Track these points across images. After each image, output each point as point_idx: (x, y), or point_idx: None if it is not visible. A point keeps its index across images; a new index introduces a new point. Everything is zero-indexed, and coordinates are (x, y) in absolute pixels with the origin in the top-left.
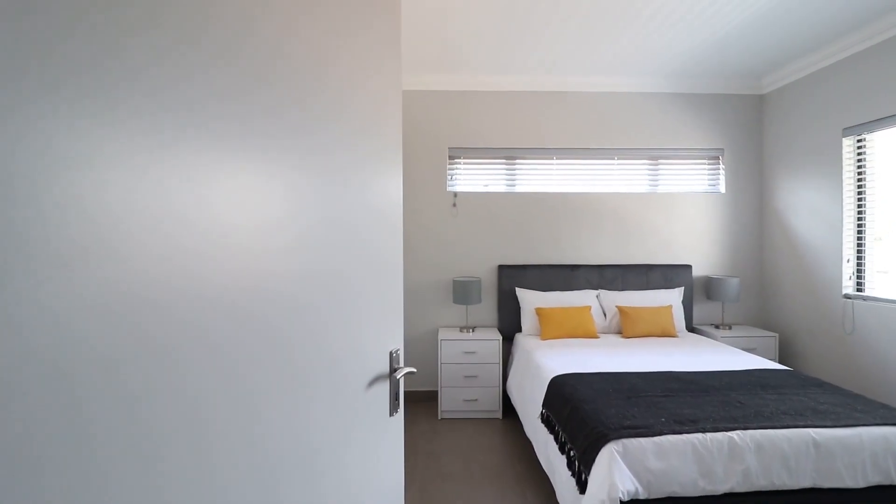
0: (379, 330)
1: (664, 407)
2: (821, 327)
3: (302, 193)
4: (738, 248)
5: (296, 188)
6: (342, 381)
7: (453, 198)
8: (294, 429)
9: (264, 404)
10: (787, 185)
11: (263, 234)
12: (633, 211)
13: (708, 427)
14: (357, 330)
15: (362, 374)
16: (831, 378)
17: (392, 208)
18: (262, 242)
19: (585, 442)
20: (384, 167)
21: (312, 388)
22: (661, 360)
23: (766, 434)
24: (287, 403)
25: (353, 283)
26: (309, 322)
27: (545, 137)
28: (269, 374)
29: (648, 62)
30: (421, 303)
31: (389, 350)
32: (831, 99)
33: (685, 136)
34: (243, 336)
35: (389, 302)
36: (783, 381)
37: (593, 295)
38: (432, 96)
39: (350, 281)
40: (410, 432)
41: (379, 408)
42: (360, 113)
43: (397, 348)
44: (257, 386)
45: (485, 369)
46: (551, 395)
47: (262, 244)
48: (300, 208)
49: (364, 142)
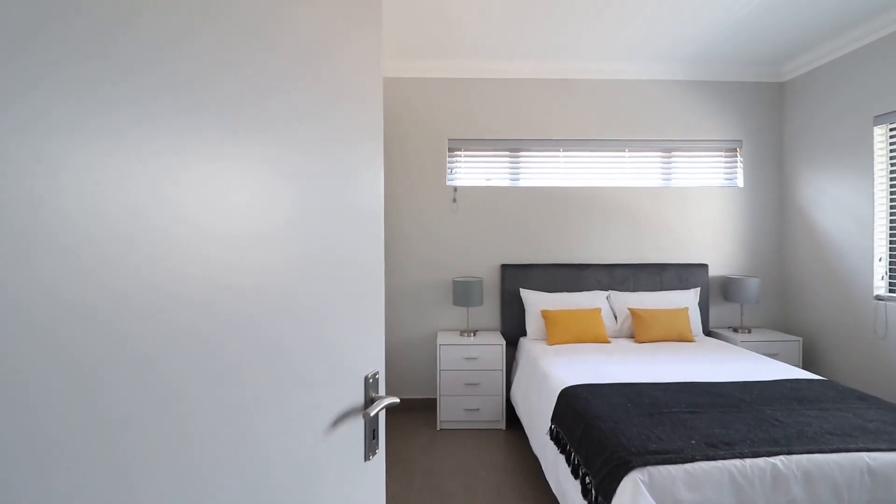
0: (350, 350)
1: (693, 426)
2: (849, 331)
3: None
4: (758, 246)
5: (235, 183)
6: (294, 421)
7: (453, 193)
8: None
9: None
10: (811, 178)
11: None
12: (645, 206)
13: (746, 451)
14: (314, 351)
15: (324, 410)
16: (862, 386)
17: (369, 203)
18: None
19: (604, 468)
20: (354, 157)
21: (248, 433)
22: (681, 369)
23: (814, 460)
24: (180, 468)
25: (311, 296)
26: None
27: (551, 128)
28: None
29: (661, 47)
30: (418, 305)
31: (364, 375)
32: (860, 85)
33: (700, 127)
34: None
35: (365, 314)
36: (820, 394)
37: (603, 296)
38: (430, 84)
39: (306, 293)
40: (407, 445)
41: (349, 452)
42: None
43: (375, 371)
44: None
45: (487, 377)
46: (561, 409)
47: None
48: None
49: (321, 126)
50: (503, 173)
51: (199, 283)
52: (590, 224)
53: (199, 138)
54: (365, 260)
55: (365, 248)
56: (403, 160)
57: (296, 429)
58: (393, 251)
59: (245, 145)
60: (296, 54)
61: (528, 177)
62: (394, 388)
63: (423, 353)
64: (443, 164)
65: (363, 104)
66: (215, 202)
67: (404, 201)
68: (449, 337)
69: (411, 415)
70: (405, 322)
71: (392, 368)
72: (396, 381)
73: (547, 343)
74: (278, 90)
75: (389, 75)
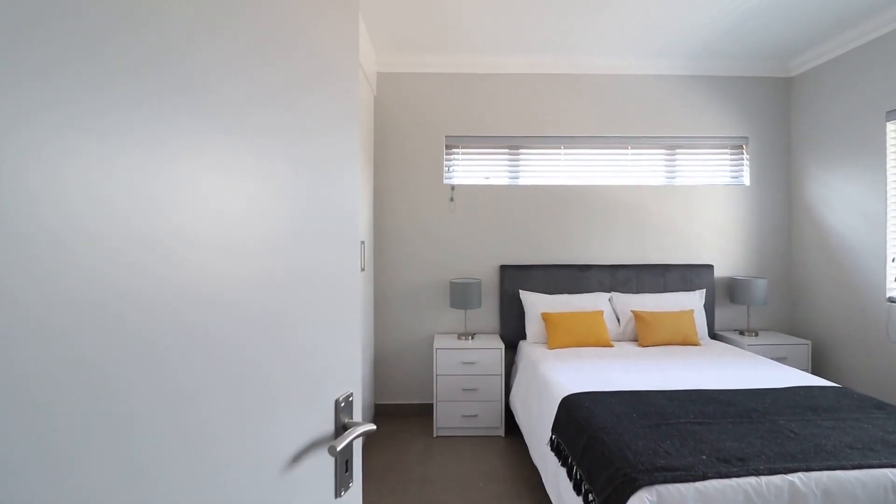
0: (317, 368)
1: (703, 438)
2: (861, 334)
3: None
4: (765, 246)
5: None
6: (242, 458)
7: (450, 191)
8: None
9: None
10: (820, 176)
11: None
12: (648, 205)
13: (762, 468)
14: (270, 371)
15: (282, 443)
16: (874, 392)
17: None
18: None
19: (609, 486)
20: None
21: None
22: (687, 375)
23: (835, 477)
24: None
25: (269, 302)
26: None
27: (552, 125)
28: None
29: (664, 41)
30: (414, 307)
31: (335, 398)
32: (871, 80)
33: (705, 124)
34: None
35: (336, 327)
36: (835, 402)
37: (605, 298)
38: (427, 79)
39: (262, 299)
40: (402, 452)
41: (314, 490)
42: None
43: (348, 393)
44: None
45: (485, 381)
46: (562, 419)
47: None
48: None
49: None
50: (502, 171)
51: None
52: (591, 224)
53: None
54: (335, 262)
55: (335, 249)
56: (399, 158)
57: (246, 469)
58: (388, 251)
59: (185, 136)
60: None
61: (527, 175)
62: (389, 393)
63: (419, 357)
64: (440, 162)
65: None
66: (150, 199)
67: (400, 200)
68: (446, 340)
69: (407, 421)
70: (400, 325)
71: (387, 373)
72: (391, 385)
73: (547, 347)
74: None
75: (384, 70)
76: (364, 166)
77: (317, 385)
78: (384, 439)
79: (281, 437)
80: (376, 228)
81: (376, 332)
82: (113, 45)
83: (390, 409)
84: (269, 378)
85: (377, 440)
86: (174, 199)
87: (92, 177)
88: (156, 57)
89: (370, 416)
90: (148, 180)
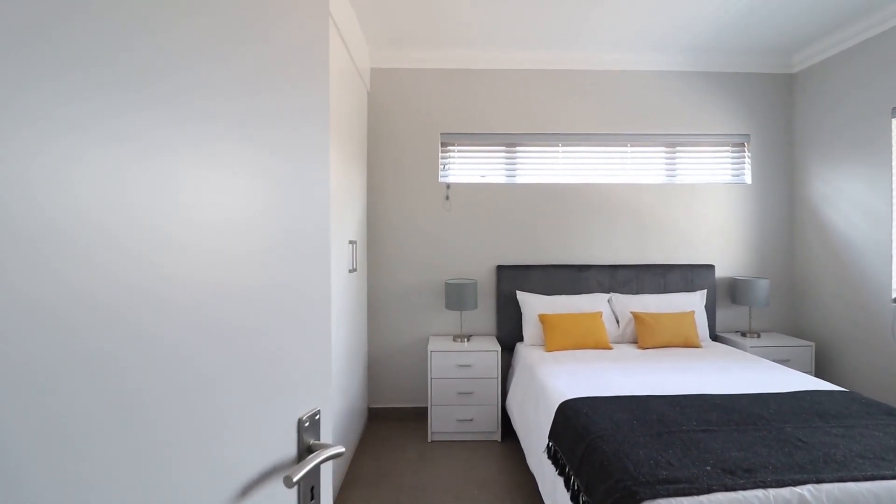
0: (276, 380)
1: (707, 448)
2: (865, 336)
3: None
4: (767, 245)
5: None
6: (178, 490)
7: (446, 190)
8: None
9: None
10: (823, 174)
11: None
12: (648, 204)
13: (770, 480)
14: (216, 379)
15: (232, 469)
16: (878, 395)
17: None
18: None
19: (608, 499)
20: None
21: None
22: (689, 379)
23: (846, 489)
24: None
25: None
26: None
27: (549, 122)
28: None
29: (664, 36)
30: (409, 308)
31: (298, 417)
32: (877, 76)
33: (706, 121)
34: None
35: (300, 336)
36: (843, 408)
37: (604, 299)
38: (422, 75)
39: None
40: (395, 458)
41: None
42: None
43: (314, 411)
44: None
45: (481, 385)
46: (560, 425)
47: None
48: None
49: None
50: (499, 169)
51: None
52: (590, 223)
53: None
54: (302, 269)
55: (303, 256)
56: (393, 155)
57: (193, 497)
58: (382, 251)
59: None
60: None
61: (525, 173)
62: (382, 396)
63: (413, 360)
64: (435, 160)
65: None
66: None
67: (394, 199)
68: (441, 343)
69: (401, 425)
70: (394, 326)
71: (380, 376)
72: (385, 389)
73: (545, 349)
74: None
75: (378, 66)
76: (357, 164)
77: (276, 401)
78: (377, 444)
79: (233, 460)
80: (369, 228)
81: (369, 334)
82: (62, 33)
83: (384, 413)
84: (221, 391)
85: (369, 445)
86: (127, 200)
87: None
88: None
89: (363, 421)
90: (74, 173)
